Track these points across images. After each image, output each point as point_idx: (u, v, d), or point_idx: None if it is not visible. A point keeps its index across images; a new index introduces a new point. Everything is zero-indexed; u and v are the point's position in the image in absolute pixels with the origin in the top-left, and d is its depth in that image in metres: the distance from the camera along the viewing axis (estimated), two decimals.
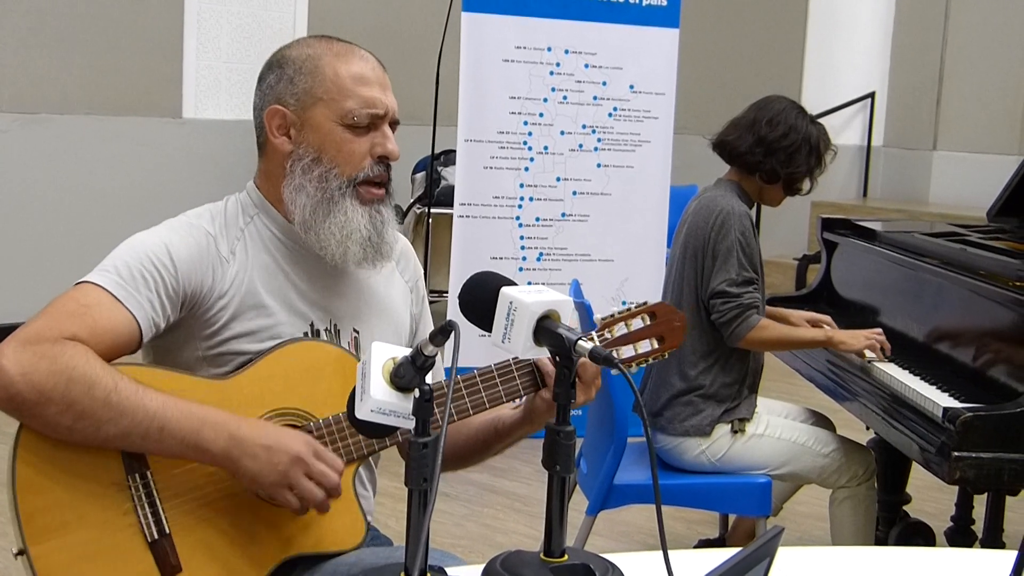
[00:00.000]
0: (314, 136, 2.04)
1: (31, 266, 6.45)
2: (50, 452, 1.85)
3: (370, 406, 1.50)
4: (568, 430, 1.54)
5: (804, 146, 3.48)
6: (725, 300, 3.38)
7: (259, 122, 2.10)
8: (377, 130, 2.06)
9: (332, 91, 2.03)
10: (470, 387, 2.02)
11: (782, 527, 1.29)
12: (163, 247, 1.97)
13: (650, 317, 2.07)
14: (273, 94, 2.07)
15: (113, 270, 1.94)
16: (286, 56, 2.09)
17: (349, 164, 2.04)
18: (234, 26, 7.26)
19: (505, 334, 1.54)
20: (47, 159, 6.63)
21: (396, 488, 1.45)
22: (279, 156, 2.07)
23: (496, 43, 5.23)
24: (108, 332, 1.89)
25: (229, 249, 2.04)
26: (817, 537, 4.22)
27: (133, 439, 1.85)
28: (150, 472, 1.90)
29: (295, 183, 2.04)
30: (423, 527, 1.42)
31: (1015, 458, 2.77)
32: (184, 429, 1.86)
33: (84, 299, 1.90)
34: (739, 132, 3.54)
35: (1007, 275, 3.14)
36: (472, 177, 5.28)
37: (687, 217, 3.57)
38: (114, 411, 1.83)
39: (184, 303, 1.98)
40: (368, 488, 2.18)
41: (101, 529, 1.87)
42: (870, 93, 9.82)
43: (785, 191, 3.57)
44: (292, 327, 2.04)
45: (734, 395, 3.44)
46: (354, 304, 2.13)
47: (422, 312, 2.29)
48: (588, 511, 3.37)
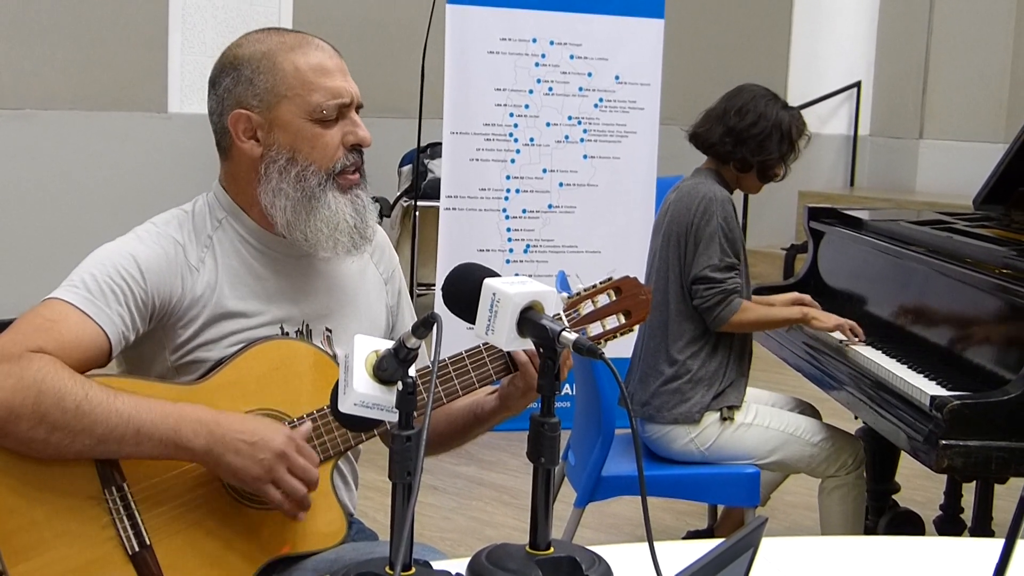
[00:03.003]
0: (284, 136, 1.99)
1: (15, 262, 6.42)
2: (21, 470, 1.82)
3: (353, 399, 1.49)
4: (553, 422, 1.53)
5: (775, 133, 3.50)
6: (709, 286, 3.40)
7: (220, 126, 2.04)
8: (345, 118, 2.02)
9: (295, 87, 1.98)
10: (443, 375, 1.99)
11: (766, 517, 1.28)
12: (130, 258, 1.94)
13: (616, 292, 2.07)
14: (232, 98, 2.00)
15: (81, 284, 1.91)
16: (239, 56, 2.02)
17: (324, 158, 2.00)
18: (219, 20, 7.23)
19: (489, 326, 1.53)
20: (31, 154, 6.60)
21: (384, 482, 1.45)
22: (248, 160, 2.02)
23: (481, 35, 5.22)
24: (76, 346, 1.86)
25: (198, 257, 2.01)
26: (806, 527, 4.22)
27: (110, 446, 1.82)
28: (126, 484, 1.87)
29: (272, 186, 1.99)
30: (406, 520, 1.41)
31: (1003, 446, 2.77)
32: (161, 430, 1.83)
33: (50, 314, 1.87)
34: (710, 123, 3.58)
35: (993, 263, 3.14)
36: (458, 170, 5.27)
37: (668, 206, 3.58)
38: (87, 420, 1.80)
39: (154, 314, 1.96)
40: (350, 482, 2.17)
41: (80, 545, 1.85)
42: (856, 82, 9.83)
43: (759, 179, 3.60)
44: (263, 331, 2.02)
45: (721, 378, 3.46)
46: (325, 303, 2.10)
47: (399, 303, 2.27)
48: (576, 503, 3.37)
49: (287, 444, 1.87)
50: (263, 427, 1.88)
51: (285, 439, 1.87)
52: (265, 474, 1.86)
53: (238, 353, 1.97)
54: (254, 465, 1.85)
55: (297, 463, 1.88)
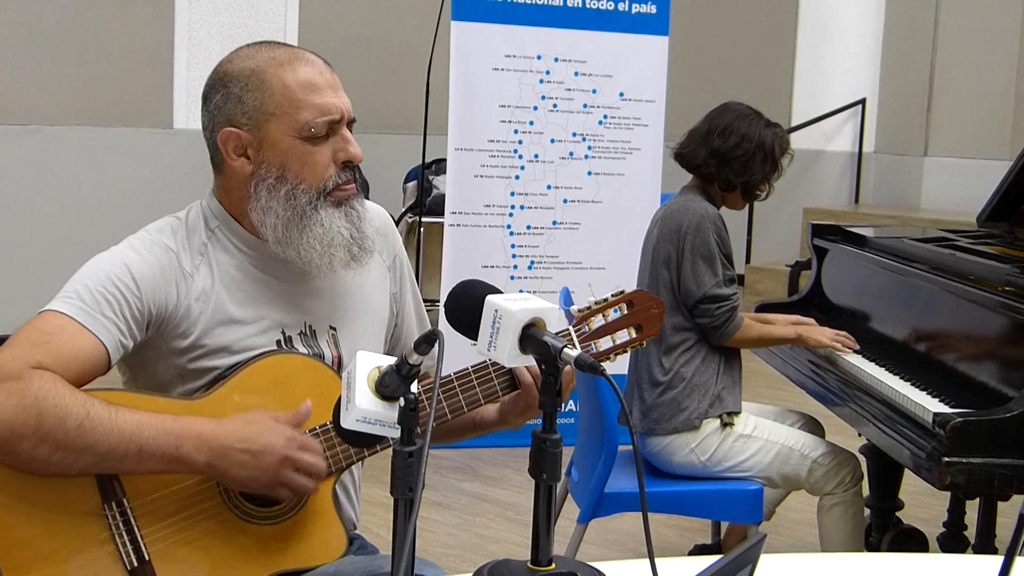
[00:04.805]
0: (273, 154, 1.97)
1: (21, 276, 6.43)
2: (20, 486, 1.82)
3: (355, 415, 1.49)
4: (555, 438, 1.53)
5: (758, 153, 3.53)
6: (720, 304, 3.42)
7: (212, 142, 2.03)
8: (336, 135, 1.99)
9: (284, 104, 1.95)
10: (447, 390, 2.00)
11: (764, 534, 1.28)
12: (124, 267, 1.94)
13: (628, 306, 2.06)
14: (223, 115, 1.99)
15: (75, 295, 1.90)
16: (229, 72, 2.00)
17: (314, 176, 1.98)
18: (225, 36, 7.26)
19: (491, 342, 1.53)
20: (37, 170, 6.62)
21: (387, 498, 1.45)
22: (239, 177, 2.01)
23: (486, 52, 5.24)
24: (74, 359, 1.86)
25: (192, 264, 2.00)
26: (809, 544, 4.21)
27: (112, 463, 1.83)
28: (127, 499, 1.87)
29: (261, 204, 1.98)
30: (408, 536, 1.41)
31: (1006, 463, 2.76)
32: (163, 447, 1.83)
33: (47, 327, 1.87)
34: (694, 144, 3.60)
35: (996, 280, 3.14)
36: (463, 186, 5.28)
37: (656, 223, 3.61)
38: (89, 439, 1.80)
39: (150, 323, 1.95)
40: (351, 493, 2.16)
41: (79, 560, 1.85)
42: (861, 100, 9.84)
43: (744, 198, 3.64)
44: (264, 336, 2.01)
45: (715, 383, 3.48)
46: (328, 302, 2.09)
47: (402, 290, 2.24)
48: (579, 519, 3.36)
49: (289, 446, 1.87)
50: (265, 432, 1.88)
51: (286, 441, 1.87)
52: (273, 480, 1.87)
53: (243, 366, 1.97)
54: (261, 474, 1.86)
55: (303, 461, 1.88)
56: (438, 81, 6.05)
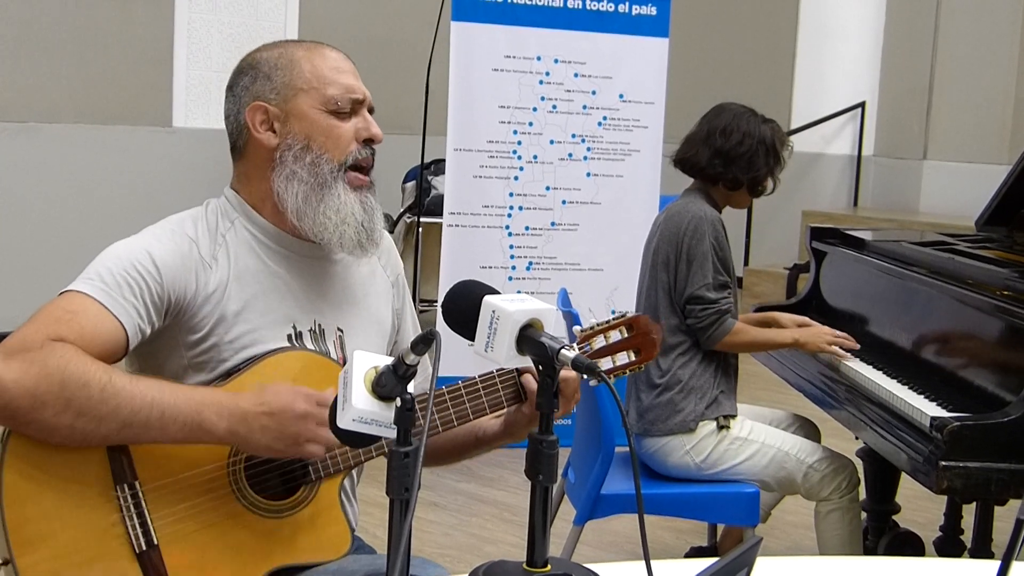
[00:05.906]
0: (300, 125, 2.06)
1: (20, 274, 6.43)
2: (38, 459, 1.84)
3: (352, 415, 1.49)
4: (551, 439, 1.53)
5: (760, 148, 3.56)
6: (704, 306, 3.43)
7: (237, 124, 2.10)
8: (358, 115, 2.09)
9: (312, 81, 2.06)
10: (454, 398, 2.02)
11: (761, 537, 1.28)
12: (146, 254, 1.97)
13: (628, 329, 2.08)
14: (250, 94, 2.08)
15: (97, 277, 1.93)
16: (257, 58, 2.12)
17: (338, 149, 2.06)
18: (224, 35, 7.26)
19: (488, 343, 1.53)
20: (36, 168, 6.62)
21: (384, 498, 1.45)
22: (264, 151, 2.07)
23: (485, 52, 5.24)
24: (95, 338, 1.88)
25: (211, 254, 2.03)
26: (806, 547, 4.21)
27: (135, 430, 1.84)
28: (138, 482, 1.89)
29: (287, 171, 2.05)
30: (403, 536, 1.41)
31: (1003, 468, 2.76)
32: (185, 413, 1.86)
33: (70, 306, 1.90)
34: (696, 147, 3.62)
35: (995, 284, 3.14)
36: (461, 186, 5.27)
37: (657, 226, 3.63)
38: (112, 404, 1.82)
39: (169, 310, 1.98)
40: (353, 498, 2.18)
41: (88, 539, 1.86)
42: (860, 103, 9.85)
43: (750, 194, 3.66)
44: (275, 330, 2.04)
45: (712, 387, 3.49)
46: (337, 303, 2.13)
47: (403, 306, 2.30)
48: (576, 521, 3.37)
49: (307, 401, 1.88)
50: (282, 392, 1.89)
51: (304, 397, 1.89)
52: (296, 439, 1.88)
53: (254, 361, 1.99)
54: (284, 436, 1.87)
55: (323, 415, 1.88)
56: (438, 81, 6.04)
